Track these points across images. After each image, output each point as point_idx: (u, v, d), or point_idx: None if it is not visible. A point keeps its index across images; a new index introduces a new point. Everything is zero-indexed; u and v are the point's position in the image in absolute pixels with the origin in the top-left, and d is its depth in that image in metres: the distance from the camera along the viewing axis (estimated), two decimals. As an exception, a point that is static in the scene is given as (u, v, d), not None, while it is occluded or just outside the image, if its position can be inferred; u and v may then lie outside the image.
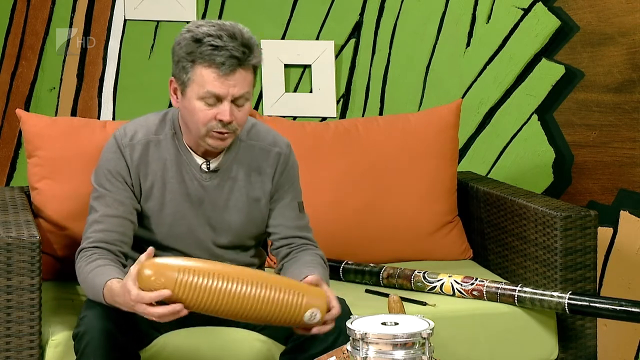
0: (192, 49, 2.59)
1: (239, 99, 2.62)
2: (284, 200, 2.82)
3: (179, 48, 2.63)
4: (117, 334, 2.54)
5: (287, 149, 2.83)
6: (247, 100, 2.65)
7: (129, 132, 2.75)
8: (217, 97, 2.60)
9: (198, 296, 2.39)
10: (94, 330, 2.53)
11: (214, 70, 2.58)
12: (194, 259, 2.49)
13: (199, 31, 2.60)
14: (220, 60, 2.57)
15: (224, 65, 2.57)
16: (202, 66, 2.59)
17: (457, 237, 3.49)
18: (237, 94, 2.61)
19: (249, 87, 2.63)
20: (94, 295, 2.58)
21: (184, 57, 2.61)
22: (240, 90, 2.61)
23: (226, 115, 2.61)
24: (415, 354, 2.23)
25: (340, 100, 3.90)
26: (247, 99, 2.64)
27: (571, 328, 3.14)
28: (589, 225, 3.13)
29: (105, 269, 2.59)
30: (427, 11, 3.88)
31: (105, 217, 2.69)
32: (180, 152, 2.75)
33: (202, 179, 2.76)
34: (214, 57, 2.57)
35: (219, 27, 2.60)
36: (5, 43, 3.75)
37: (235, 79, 2.60)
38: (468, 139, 3.90)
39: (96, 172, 2.76)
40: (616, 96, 3.72)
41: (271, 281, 2.44)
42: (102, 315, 2.54)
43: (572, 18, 3.79)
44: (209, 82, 2.59)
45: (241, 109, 2.64)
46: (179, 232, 2.76)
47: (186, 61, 2.61)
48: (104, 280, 2.54)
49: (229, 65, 2.58)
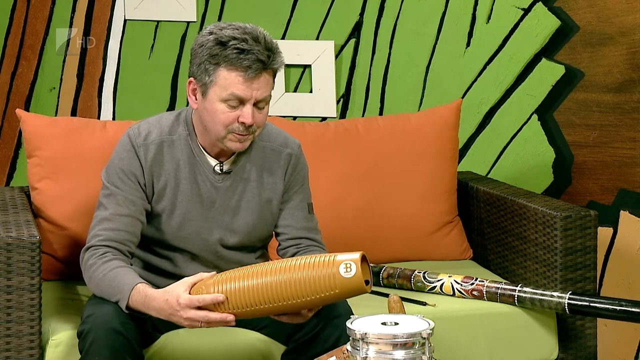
0: (216, 52, 2.60)
1: (261, 102, 2.65)
2: (293, 201, 2.83)
3: (201, 50, 2.63)
4: (122, 332, 2.54)
5: (297, 150, 2.85)
6: (267, 103, 2.67)
7: (142, 131, 2.75)
8: (240, 99, 2.62)
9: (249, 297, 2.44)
10: (100, 329, 2.53)
11: (240, 74, 2.60)
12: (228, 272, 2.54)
13: (223, 34, 2.61)
14: (246, 64, 2.59)
15: (250, 69, 2.59)
16: (227, 69, 2.60)
17: (457, 237, 3.49)
18: (260, 97, 2.63)
19: (270, 91, 2.66)
20: (109, 295, 2.59)
21: (208, 59, 2.61)
22: (263, 94, 2.63)
23: (249, 118, 2.62)
24: (415, 354, 2.23)
25: (340, 100, 3.90)
26: (267, 101, 2.67)
27: (571, 328, 3.14)
28: (589, 225, 3.13)
29: (128, 271, 2.61)
30: (427, 11, 3.88)
31: (116, 216, 2.69)
32: (193, 153, 2.76)
33: (214, 180, 2.76)
34: (240, 60, 2.59)
35: (243, 30, 2.61)
36: (5, 43, 3.75)
37: (259, 83, 2.62)
38: (468, 139, 3.90)
39: (107, 169, 2.75)
40: (616, 96, 3.72)
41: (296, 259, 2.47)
42: (108, 313, 2.55)
43: (572, 18, 3.79)
44: (233, 85, 2.60)
45: (262, 111, 2.66)
46: (187, 233, 2.76)
47: (209, 64, 2.61)
48: (132, 282, 2.56)
49: (255, 69, 2.59)
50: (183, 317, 2.47)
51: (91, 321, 2.55)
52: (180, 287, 2.49)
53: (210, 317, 2.46)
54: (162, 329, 2.75)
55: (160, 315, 2.52)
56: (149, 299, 2.52)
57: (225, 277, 2.48)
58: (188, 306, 2.46)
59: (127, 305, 2.55)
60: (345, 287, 2.43)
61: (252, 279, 2.45)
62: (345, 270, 2.42)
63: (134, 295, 2.55)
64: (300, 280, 2.43)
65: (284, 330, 2.72)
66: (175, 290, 2.49)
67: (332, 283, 2.42)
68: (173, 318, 2.50)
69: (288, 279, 2.43)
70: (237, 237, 2.79)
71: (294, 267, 2.44)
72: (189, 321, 2.48)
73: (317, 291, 2.43)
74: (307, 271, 2.43)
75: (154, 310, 2.52)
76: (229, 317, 2.46)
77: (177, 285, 2.51)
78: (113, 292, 2.58)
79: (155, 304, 2.51)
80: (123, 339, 2.54)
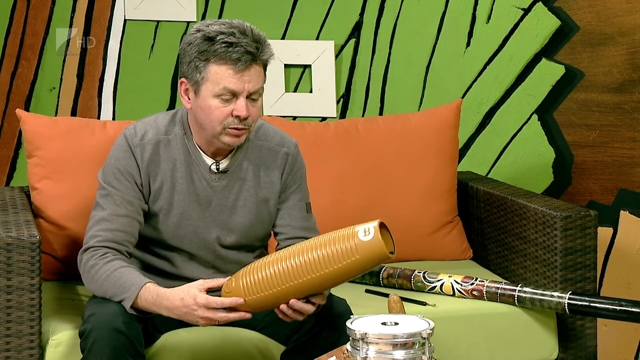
0: (205, 48, 2.61)
1: (254, 94, 2.65)
2: (291, 201, 2.83)
3: (190, 48, 2.64)
4: (124, 332, 2.54)
5: (294, 150, 2.85)
6: (260, 96, 2.68)
7: (139, 131, 2.76)
8: (233, 93, 2.63)
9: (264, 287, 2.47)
10: (102, 328, 2.53)
11: (230, 67, 2.61)
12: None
13: (210, 30, 2.62)
14: (235, 57, 2.60)
15: (239, 61, 2.60)
16: (217, 64, 2.61)
17: (457, 237, 3.49)
18: (253, 89, 2.64)
19: (262, 82, 2.67)
20: (113, 295, 2.59)
21: (197, 56, 2.62)
22: (255, 86, 2.64)
23: (243, 111, 2.63)
24: (415, 354, 2.23)
25: (340, 100, 3.90)
26: (260, 94, 2.68)
27: (571, 328, 3.14)
28: (589, 225, 3.13)
29: (132, 271, 2.62)
30: (427, 11, 3.88)
31: (114, 216, 2.69)
32: (189, 153, 2.76)
33: (211, 179, 2.76)
34: (229, 54, 2.60)
35: (229, 25, 2.63)
36: (5, 43, 3.75)
37: (250, 75, 2.63)
38: (468, 139, 3.90)
39: (104, 169, 2.76)
40: (616, 96, 3.72)
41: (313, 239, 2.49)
42: (110, 313, 2.55)
43: (572, 18, 3.79)
44: (224, 78, 2.61)
45: (255, 104, 2.67)
46: (185, 232, 2.76)
47: (199, 60, 2.62)
48: (140, 282, 2.57)
49: (244, 61, 2.61)
50: (200, 316, 2.50)
51: (93, 321, 2.55)
52: (196, 287, 2.53)
53: (229, 317, 2.51)
54: (162, 329, 2.75)
55: (172, 314, 2.54)
56: (161, 297, 2.54)
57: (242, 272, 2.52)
58: (205, 306, 2.49)
59: (132, 305, 2.55)
60: (365, 251, 2.40)
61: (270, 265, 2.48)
62: (364, 234, 2.41)
63: (143, 294, 2.56)
64: (320, 253, 2.43)
65: (283, 330, 2.72)
66: (191, 290, 2.52)
67: (352, 249, 2.40)
68: (187, 317, 2.52)
69: (308, 256, 2.44)
70: (234, 236, 2.79)
71: (312, 246, 2.45)
72: (205, 320, 2.51)
73: (338, 260, 2.42)
74: (326, 245, 2.43)
75: (165, 310, 2.54)
76: (247, 315, 2.51)
77: (192, 285, 2.54)
78: (118, 292, 2.58)
79: (169, 303, 2.53)
80: (125, 338, 2.53)
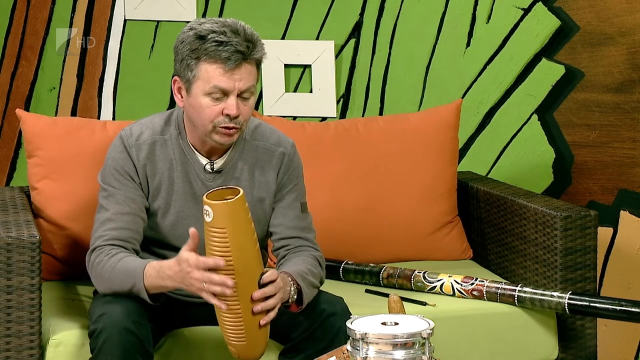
0: (196, 46, 2.62)
1: (245, 93, 2.66)
2: (286, 200, 2.83)
3: (182, 46, 2.65)
4: (134, 332, 2.54)
5: (291, 149, 2.84)
6: (252, 95, 2.68)
7: (135, 132, 2.77)
8: (223, 91, 2.63)
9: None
10: (112, 328, 2.53)
11: (220, 66, 2.61)
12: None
13: (202, 28, 2.63)
14: (225, 56, 2.60)
15: (229, 60, 2.61)
16: (207, 62, 2.62)
17: (457, 237, 3.49)
18: (243, 87, 2.64)
19: (253, 81, 2.67)
20: (123, 283, 2.60)
21: (189, 54, 2.63)
22: (246, 84, 2.64)
23: (233, 109, 2.63)
24: (415, 354, 2.23)
25: (340, 100, 3.90)
26: (252, 92, 2.68)
27: (571, 328, 3.14)
28: (589, 225, 3.13)
29: (135, 258, 2.64)
30: (427, 11, 3.88)
31: (118, 215, 2.70)
32: (184, 152, 2.76)
33: (206, 179, 2.76)
34: (219, 52, 2.60)
35: (222, 23, 2.64)
36: (5, 43, 3.75)
37: (240, 73, 2.63)
38: (468, 139, 3.90)
39: (103, 171, 2.77)
40: (616, 96, 3.72)
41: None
42: (120, 312, 2.55)
43: (572, 18, 3.79)
44: (214, 77, 2.62)
45: (247, 102, 2.67)
46: (181, 231, 2.76)
47: (191, 59, 2.63)
48: (143, 264, 2.60)
49: (234, 59, 2.61)
50: (194, 278, 2.50)
51: (103, 320, 2.55)
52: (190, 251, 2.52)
53: (212, 278, 2.47)
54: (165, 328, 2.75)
55: (175, 282, 2.54)
56: (163, 268, 2.56)
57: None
58: (196, 266, 2.48)
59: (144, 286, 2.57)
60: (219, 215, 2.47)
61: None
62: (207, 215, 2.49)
63: (148, 271, 2.57)
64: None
65: (281, 328, 2.72)
66: (184, 254, 2.52)
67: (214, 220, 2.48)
68: (185, 281, 2.52)
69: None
70: None
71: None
72: (197, 282, 2.49)
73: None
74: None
75: (169, 279, 2.55)
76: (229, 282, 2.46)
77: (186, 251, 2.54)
78: (126, 279, 2.59)
79: (170, 271, 2.54)
80: (135, 338, 2.54)
